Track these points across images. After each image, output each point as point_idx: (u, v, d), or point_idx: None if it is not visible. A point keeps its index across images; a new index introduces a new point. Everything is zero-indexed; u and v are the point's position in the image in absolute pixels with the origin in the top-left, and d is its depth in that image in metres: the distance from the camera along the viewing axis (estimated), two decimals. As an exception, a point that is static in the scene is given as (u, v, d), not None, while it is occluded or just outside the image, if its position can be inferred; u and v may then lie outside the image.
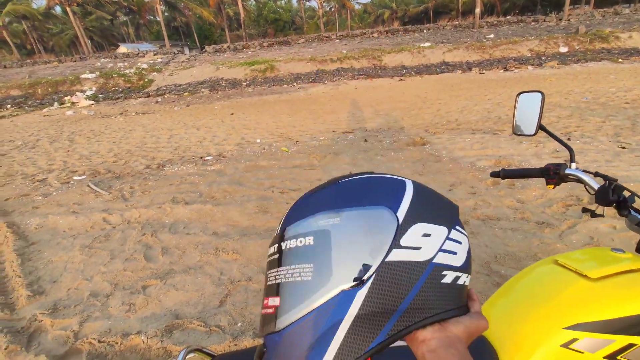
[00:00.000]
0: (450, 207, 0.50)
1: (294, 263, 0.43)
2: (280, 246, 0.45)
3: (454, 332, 0.43)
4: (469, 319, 0.45)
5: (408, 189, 0.47)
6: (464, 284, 0.47)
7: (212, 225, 3.37)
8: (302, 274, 0.42)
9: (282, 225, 0.48)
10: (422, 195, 0.47)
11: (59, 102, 15.82)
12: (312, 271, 0.41)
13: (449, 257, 0.45)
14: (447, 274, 0.44)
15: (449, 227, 0.46)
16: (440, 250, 0.44)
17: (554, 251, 2.48)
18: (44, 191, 4.69)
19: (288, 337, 0.41)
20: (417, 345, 0.43)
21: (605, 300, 0.75)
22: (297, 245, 0.43)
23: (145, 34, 53.64)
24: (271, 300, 0.44)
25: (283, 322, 0.41)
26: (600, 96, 7.55)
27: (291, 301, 0.42)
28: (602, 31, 17.91)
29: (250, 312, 2.17)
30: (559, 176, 1.02)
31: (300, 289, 0.41)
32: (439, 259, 0.44)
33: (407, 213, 0.44)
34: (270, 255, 0.47)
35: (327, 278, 0.41)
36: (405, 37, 25.35)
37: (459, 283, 0.46)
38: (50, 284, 2.62)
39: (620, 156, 4.09)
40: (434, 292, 0.43)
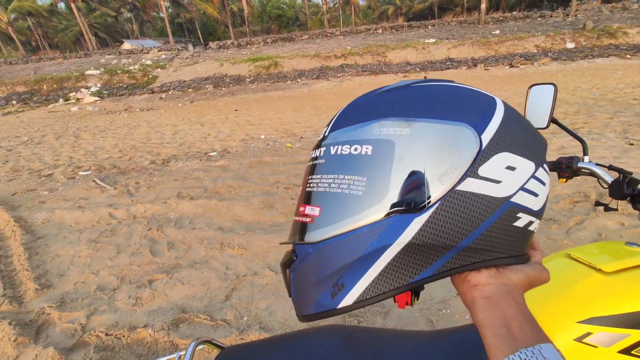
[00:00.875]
0: (541, 141, 0.44)
1: (344, 172, 0.37)
2: (328, 150, 0.40)
3: (513, 281, 0.39)
4: (530, 268, 0.41)
5: (499, 110, 0.40)
6: (533, 231, 0.42)
7: (218, 220, 3.37)
8: (351, 187, 0.36)
9: (332, 124, 0.42)
10: (514, 120, 0.40)
11: (64, 98, 15.90)
12: (364, 186, 0.36)
13: (529, 198, 0.39)
14: (522, 217, 0.39)
15: (537, 163, 0.40)
16: (522, 189, 0.38)
17: (561, 247, 2.46)
18: (51, 186, 4.72)
19: (324, 252, 0.37)
20: (468, 289, 0.38)
21: (619, 294, 0.74)
22: (351, 153, 0.38)
23: (149, 31, 53.70)
24: (309, 209, 0.39)
25: (320, 234, 0.37)
26: (608, 92, 7.47)
27: (334, 214, 0.37)
28: (610, 27, 17.70)
29: (256, 306, 2.17)
30: (572, 169, 1.00)
31: (346, 202, 0.36)
32: (518, 198, 0.38)
33: (493, 137, 0.37)
34: (313, 159, 0.42)
35: (381, 196, 0.35)
36: (410, 33, 25.19)
37: (530, 229, 0.41)
38: (57, 277, 2.64)
39: (629, 153, 4.05)
40: (503, 234, 0.38)
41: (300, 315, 0.40)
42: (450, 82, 0.43)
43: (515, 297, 0.37)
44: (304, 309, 0.39)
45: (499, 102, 0.41)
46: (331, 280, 0.37)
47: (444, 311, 2.01)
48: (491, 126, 0.38)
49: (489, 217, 0.37)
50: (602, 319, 0.72)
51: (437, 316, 1.98)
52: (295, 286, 0.40)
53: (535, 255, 0.44)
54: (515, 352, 0.33)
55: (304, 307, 0.39)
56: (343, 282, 0.36)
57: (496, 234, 0.38)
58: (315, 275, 0.38)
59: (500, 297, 0.37)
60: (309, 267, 0.38)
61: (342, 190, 0.37)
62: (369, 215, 0.36)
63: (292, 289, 0.40)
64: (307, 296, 0.39)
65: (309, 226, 0.39)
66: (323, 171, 0.39)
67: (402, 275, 0.36)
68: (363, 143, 0.37)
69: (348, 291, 0.36)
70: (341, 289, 0.36)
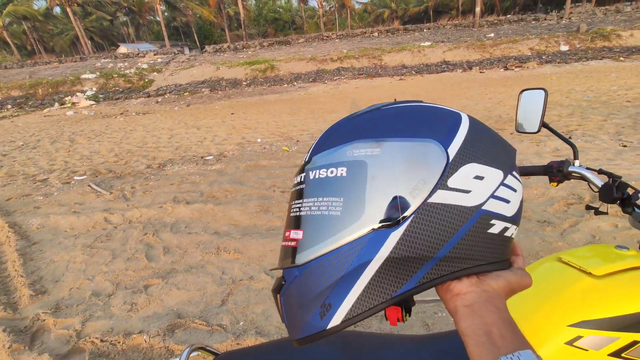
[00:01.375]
0: (508, 149, 0.45)
1: (322, 195, 0.39)
2: (307, 175, 0.41)
3: (494, 287, 0.39)
4: (511, 273, 0.41)
5: (464, 124, 0.41)
6: (511, 237, 0.43)
7: (214, 224, 3.37)
8: (330, 208, 0.38)
9: (311, 151, 0.43)
10: (479, 131, 0.42)
11: (60, 103, 15.84)
12: (341, 206, 0.37)
13: (500, 205, 0.40)
14: (496, 224, 0.40)
15: (505, 171, 0.41)
16: (492, 197, 0.39)
17: (556, 249, 2.48)
18: (46, 191, 4.70)
19: (309, 274, 0.38)
20: (450, 298, 0.39)
21: (609, 297, 0.75)
22: (328, 176, 0.39)
23: (146, 34, 53.66)
24: (293, 233, 0.40)
25: (305, 256, 0.38)
26: (602, 94, 7.54)
27: (316, 236, 0.38)
28: (603, 29, 17.88)
29: (252, 311, 2.17)
30: (563, 174, 1.02)
31: (326, 223, 0.38)
32: (490, 206, 0.39)
33: (459, 150, 0.39)
34: (295, 185, 0.43)
35: (358, 215, 0.37)
36: (406, 37, 25.33)
37: (506, 235, 0.41)
38: (52, 283, 2.62)
39: (622, 155, 4.08)
40: (478, 241, 0.39)
41: (294, 340, 0.40)
42: (419, 102, 0.45)
43: (497, 304, 0.37)
44: (296, 333, 0.40)
45: (464, 116, 0.43)
46: (319, 301, 0.38)
47: (440, 314, 2.01)
48: (457, 140, 0.39)
49: (462, 226, 0.38)
50: (593, 322, 0.73)
51: (433, 319, 1.98)
52: (286, 310, 0.41)
53: (517, 261, 0.45)
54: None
55: (296, 331, 0.39)
56: (330, 302, 0.37)
57: (472, 242, 0.38)
58: (303, 298, 0.39)
59: (481, 304, 0.37)
60: (296, 290, 0.39)
61: (322, 212, 0.38)
62: (349, 234, 0.37)
63: (283, 313, 0.41)
64: (297, 320, 0.39)
65: (294, 250, 0.40)
66: (305, 195, 0.40)
67: (385, 289, 0.37)
68: (338, 165, 0.39)
69: (335, 310, 0.37)
70: (329, 309, 0.37)
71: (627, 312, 0.72)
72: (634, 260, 0.81)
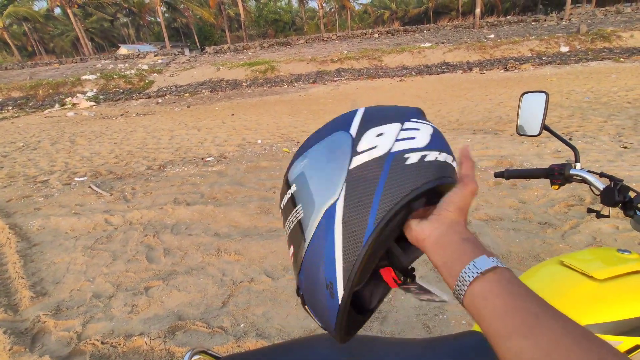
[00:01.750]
0: (404, 110, 0.53)
1: (289, 212, 0.49)
2: (280, 207, 0.53)
3: (448, 216, 0.43)
4: (455, 193, 0.45)
5: (359, 112, 0.52)
6: (437, 160, 0.48)
7: (214, 226, 3.37)
8: (297, 216, 0.48)
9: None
10: (372, 110, 0.52)
11: (60, 104, 15.86)
12: (302, 209, 0.47)
13: (407, 142, 0.47)
14: (411, 156, 0.46)
15: (401, 121, 0.49)
16: (397, 140, 0.47)
17: (557, 251, 2.48)
18: (46, 192, 4.70)
19: (306, 271, 0.47)
20: (422, 245, 0.44)
21: (611, 301, 0.75)
22: (288, 197, 0.50)
23: (146, 35, 53.71)
24: (290, 251, 0.50)
25: (299, 262, 0.48)
26: (602, 96, 7.54)
27: (296, 241, 0.48)
28: (603, 30, 17.90)
29: (252, 313, 2.17)
30: (564, 176, 1.01)
31: (299, 228, 0.47)
32: (397, 147, 0.47)
33: (358, 126, 0.49)
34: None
35: (313, 207, 0.46)
36: (406, 38, 25.35)
37: (427, 160, 0.47)
38: (53, 285, 2.62)
39: (623, 156, 4.08)
40: (402, 174, 0.45)
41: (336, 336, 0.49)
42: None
43: (456, 229, 0.42)
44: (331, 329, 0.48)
45: (361, 108, 0.53)
46: (323, 285, 0.45)
47: (441, 316, 2.01)
48: (355, 121, 0.50)
49: (382, 169, 0.45)
50: (595, 326, 0.72)
51: (434, 322, 1.98)
52: (315, 314, 0.49)
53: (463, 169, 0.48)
54: (459, 276, 0.38)
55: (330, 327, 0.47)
56: (329, 280, 0.45)
57: (397, 176, 0.45)
58: (313, 293, 0.47)
59: (445, 236, 0.42)
60: (307, 291, 0.48)
61: (294, 222, 0.48)
62: (314, 223, 0.46)
63: (317, 319, 0.49)
64: (324, 314, 0.47)
65: (293, 263, 0.50)
66: (283, 220, 0.52)
67: (356, 243, 0.43)
68: (291, 185, 0.50)
69: (336, 282, 0.44)
70: (331, 286, 0.45)
71: (630, 316, 0.72)
72: (636, 264, 0.81)
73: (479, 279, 0.37)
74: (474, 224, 2.97)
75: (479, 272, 0.37)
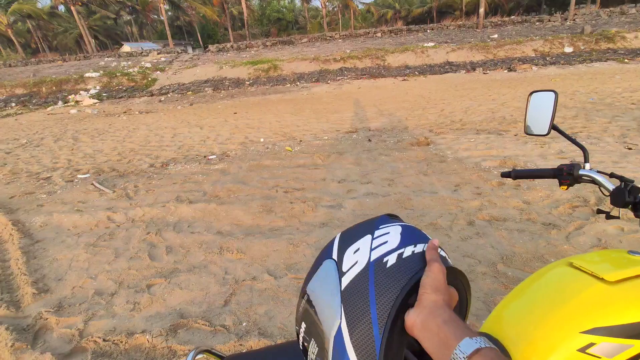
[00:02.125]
0: (371, 221, 0.59)
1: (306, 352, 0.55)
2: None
3: (427, 299, 0.46)
4: (426, 277, 0.48)
5: (336, 237, 0.59)
6: (414, 253, 0.51)
7: (217, 224, 3.36)
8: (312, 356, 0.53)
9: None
10: (346, 232, 0.59)
11: (63, 101, 15.89)
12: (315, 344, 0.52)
13: (382, 248, 0.52)
14: (389, 258, 0.50)
15: (371, 232, 0.55)
16: (372, 250, 0.52)
17: (561, 252, 2.46)
18: (49, 189, 4.70)
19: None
20: (414, 334, 0.46)
21: (623, 304, 0.74)
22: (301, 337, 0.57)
23: (149, 33, 53.81)
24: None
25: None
26: (606, 97, 7.49)
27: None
28: (608, 31, 17.79)
29: (255, 311, 2.16)
30: (573, 177, 1.00)
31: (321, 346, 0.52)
32: (374, 255, 0.51)
33: (337, 250, 0.55)
34: None
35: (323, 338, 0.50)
36: (409, 37, 25.28)
37: (405, 256, 0.51)
38: (55, 282, 2.62)
39: (628, 157, 4.05)
40: (387, 276, 0.49)
41: None
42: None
43: (437, 313, 0.45)
44: None
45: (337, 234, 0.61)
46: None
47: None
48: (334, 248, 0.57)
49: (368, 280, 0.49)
50: (606, 329, 0.71)
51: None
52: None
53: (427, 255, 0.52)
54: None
55: None
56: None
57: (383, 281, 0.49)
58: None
59: (428, 321, 0.44)
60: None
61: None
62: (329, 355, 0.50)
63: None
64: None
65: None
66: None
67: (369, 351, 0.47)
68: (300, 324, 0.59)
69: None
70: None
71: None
72: (647, 266, 0.79)
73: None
74: (477, 224, 2.96)
75: (465, 356, 0.39)
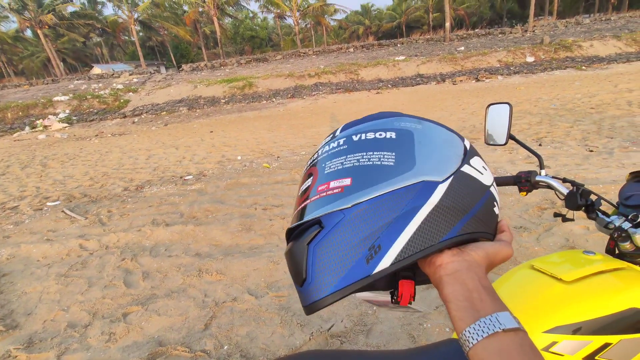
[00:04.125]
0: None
1: (373, 150, 0.44)
2: (349, 138, 0.47)
3: (473, 257, 0.42)
4: (491, 245, 0.45)
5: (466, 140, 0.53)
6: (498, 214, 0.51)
7: (195, 246, 3.30)
8: (382, 160, 0.43)
9: (342, 127, 0.52)
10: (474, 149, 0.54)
11: (31, 126, 15.35)
12: (394, 158, 0.43)
13: (496, 194, 0.50)
14: (496, 206, 0.49)
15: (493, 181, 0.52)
16: (492, 186, 0.49)
17: (533, 254, 2.55)
18: (16, 219, 4.50)
19: (360, 215, 0.39)
20: (435, 270, 0.42)
21: (579, 302, 0.78)
22: (377, 137, 0.46)
23: (120, 55, 53.05)
24: (335, 183, 0.42)
25: (356, 198, 0.40)
26: (567, 102, 7.91)
27: (368, 180, 0.41)
28: (565, 41, 18.88)
29: (236, 333, 2.12)
30: (530, 183, 1.06)
31: (380, 170, 0.42)
32: (493, 190, 0.49)
33: (469, 147, 0.49)
34: (330, 150, 0.48)
35: (409, 167, 0.42)
36: (380, 51, 25.99)
37: (497, 213, 0.50)
38: (24, 316, 2.50)
39: (589, 159, 4.27)
40: (487, 213, 0.47)
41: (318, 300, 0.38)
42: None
43: (477, 272, 0.40)
44: (324, 289, 0.38)
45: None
46: (367, 243, 0.39)
47: (425, 325, 2.02)
48: (466, 141, 0.50)
49: (483, 194, 0.46)
50: (565, 327, 0.75)
51: (418, 331, 1.99)
52: (318, 263, 0.39)
53: (502, 237, 0.50)
54: (476, 322, 0.36)
55: (324, 287, 0.38)
56: (380, 244, 0.39)
57: (485, 211, 0.46)
58: (348, 242, 0.39)
59: (463, 272, 0.40)
60: (340, 234, 0.39)
61: (374, 162, 0.43)
62: (402, 181, 0.41)
63: (311, 269, 0.39)
64: (333, 271, 0.38)
65: (337, 195, 0.41)
66: (347, 153, 0.45)
67: (433, 234, 0.41)
68: (387, 130, 0.47)
69: (385, 252, 0.39)
70: (377, 250, 0.38)
71: (597, 315, 0.75)
72: (600, 264, 0.85)
73: (499, 335, 0.35)
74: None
75: (502, 328, 0.35)
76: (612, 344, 0.75)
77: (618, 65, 14.01)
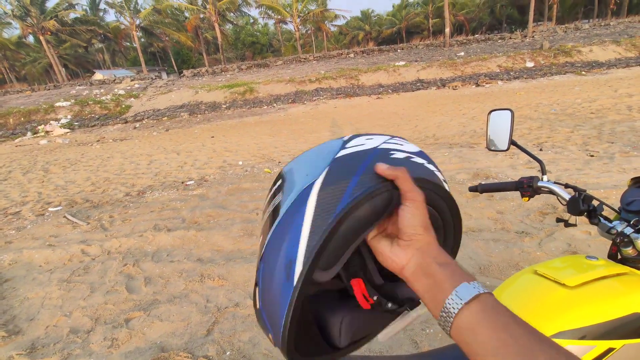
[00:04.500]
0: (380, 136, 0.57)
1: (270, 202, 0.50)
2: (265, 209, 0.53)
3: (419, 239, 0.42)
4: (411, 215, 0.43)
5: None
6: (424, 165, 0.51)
7: (197, 251, 3.31)
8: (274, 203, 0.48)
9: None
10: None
11: (32, 132, 15.41)
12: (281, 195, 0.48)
13: (394, 146, 0.51)
14: (396, 154, 0.49)
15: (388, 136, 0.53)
16: (385, 142, 0.50)
17: (535, 259, 2.55)
18: (18, 225, 4.51)
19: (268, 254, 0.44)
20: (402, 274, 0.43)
21: (582, 307, 0.79)
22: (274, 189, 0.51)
23: (122, 60, 53.33)
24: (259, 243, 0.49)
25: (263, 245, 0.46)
26: (567, 107, 7.93)
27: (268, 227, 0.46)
28: (564, 46, 18.97)
29: (239, 339, 2.12)
30: (532, 189, 1.07)
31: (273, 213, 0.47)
32: (384, 146, 0.49)
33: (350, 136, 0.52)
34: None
35: (292, 189, 0.46)
36: (381, 57, 26.11)
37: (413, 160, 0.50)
38: (26, 322, 2.50)
39: (590, 164, 4.28)
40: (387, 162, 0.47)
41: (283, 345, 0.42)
42: None
43: (430, 252, 0.42)
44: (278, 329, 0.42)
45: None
46: (281, 266, 0.41)
47: (428, 331, 2.02)
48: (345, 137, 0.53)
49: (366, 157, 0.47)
50: (569, 332, 0.75)
51: (421, 336, 1.99)
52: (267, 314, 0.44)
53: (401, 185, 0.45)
54: (442, 308, 0.38)
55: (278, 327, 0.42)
56: (290, 258, 0.41)
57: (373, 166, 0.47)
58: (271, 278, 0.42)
59: (420, 264, 0.41)
60: (265, 278, 0.44)
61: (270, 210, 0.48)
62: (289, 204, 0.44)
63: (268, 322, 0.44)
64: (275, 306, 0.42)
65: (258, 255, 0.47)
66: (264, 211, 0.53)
67: (326, 216, 0.41)
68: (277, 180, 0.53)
69: (296, 259, 0.41)
70: (290, 265, 0.41)
71: (600, 320, 0.76)
72: (603, 269, 0.85)
73: (464, 309, 0.36)
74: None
75: (463, 302, 0.36)
76: (615, 349, 0.75)
77: (618, 70, 14.06)
